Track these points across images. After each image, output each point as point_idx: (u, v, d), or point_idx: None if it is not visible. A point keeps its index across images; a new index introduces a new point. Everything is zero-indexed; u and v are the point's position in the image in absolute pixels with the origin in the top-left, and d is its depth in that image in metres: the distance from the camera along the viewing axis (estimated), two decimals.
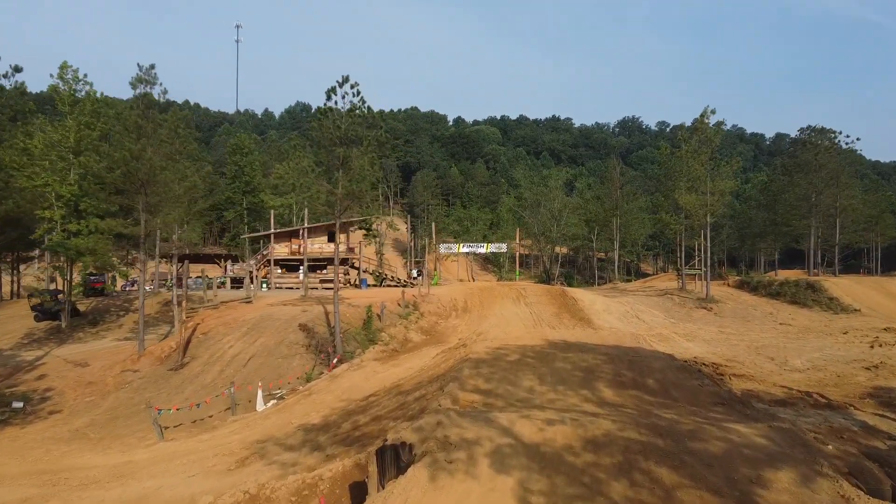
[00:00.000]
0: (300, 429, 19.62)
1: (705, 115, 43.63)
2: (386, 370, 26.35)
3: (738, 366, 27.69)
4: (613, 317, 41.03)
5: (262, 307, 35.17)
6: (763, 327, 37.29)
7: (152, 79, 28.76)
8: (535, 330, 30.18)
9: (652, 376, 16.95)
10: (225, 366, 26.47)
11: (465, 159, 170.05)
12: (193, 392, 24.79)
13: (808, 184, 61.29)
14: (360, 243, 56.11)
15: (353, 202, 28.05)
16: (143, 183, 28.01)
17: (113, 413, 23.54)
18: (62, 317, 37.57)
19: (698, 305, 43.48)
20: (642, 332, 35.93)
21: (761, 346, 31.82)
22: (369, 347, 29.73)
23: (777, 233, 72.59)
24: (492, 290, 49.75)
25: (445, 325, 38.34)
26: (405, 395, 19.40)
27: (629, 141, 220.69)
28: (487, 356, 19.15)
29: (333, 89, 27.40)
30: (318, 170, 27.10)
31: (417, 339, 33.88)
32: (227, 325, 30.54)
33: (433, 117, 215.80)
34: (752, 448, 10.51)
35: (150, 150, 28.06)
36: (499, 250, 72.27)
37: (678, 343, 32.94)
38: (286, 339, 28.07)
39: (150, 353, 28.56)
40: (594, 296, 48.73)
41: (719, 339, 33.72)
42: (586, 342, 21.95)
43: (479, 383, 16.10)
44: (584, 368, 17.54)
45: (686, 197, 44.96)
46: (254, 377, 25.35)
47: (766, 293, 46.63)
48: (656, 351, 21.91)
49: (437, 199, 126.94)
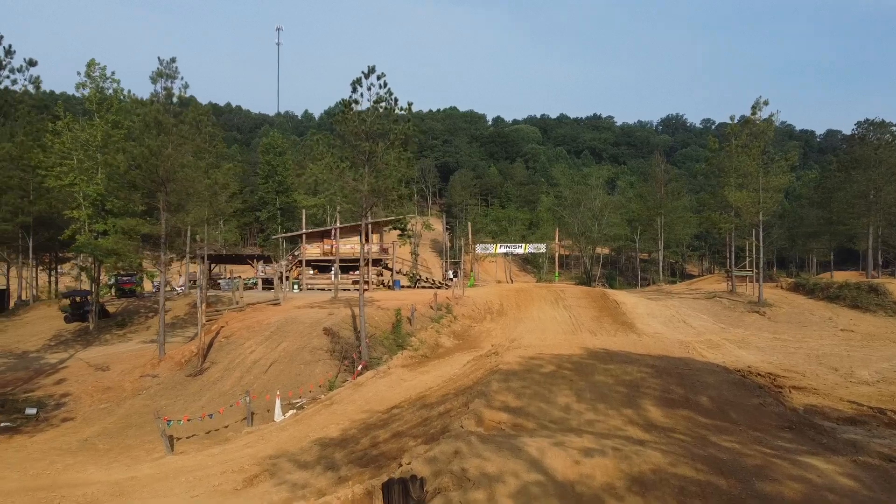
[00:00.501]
0: (316, 443, 18.14)
1: (757, 106, 40.92)
2: (413, 378, 24.78)
3: (797, 377, 25.34)
4: (658, 321, 38.73)
5: (288, 310, 33.96)
6: (822, 333, 34.60)
7: (173, 73, 27.68)
8: (573, 337, 28.22)
9: (705, 393, 14.96)
10: (245, 372, 25.20)
11: (504, 159, 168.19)
12: (210, 399, 23.57)
13: (866, 180, 57.63)
14: (393, 243, 54.73)
15: (378, 199, 26.49)
16: (163, 181, 26.98)
17: (126, 421, 22.45)
18: (90, 318, 37.03)
19: (750, 310, 40.82)
20: (690, 339, 33.66)
21: (822, 354, 29.29)
22: (397, 353, 28.19)
23: (832, 232, 68.81)
24: (529, 293, 47.84)
25: (479, 329, 36.62)
26: (429, 409, 17.75)
27: (672, 139, 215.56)
28: (519, 367, 17.38)
29: (359, 81, 25.95)
30: (343, 165, 25.45)
31: (449, 343, 32.23)
32: (250, 328, 29.34)
33: (472, 117, 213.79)
34: (837, 492, 8.56)
35: (170, 147, 27.06)
36: (537, 251, 70.06)
37: (729, 351, 30.61)
38: (309, 344, 26.69)
39: (170, 358, 27.51)
40: (637, 298, 46.41)
41: (774, 347, 31.25)
42: (629, 351, 19.97)
43: (509, 399, 14.37)
44: (628, 383, 15.63)
45: (736, 194, 42.30)
46: (274, 384, 24.03)
47: (824, 296, 43.63)
48: (709, 362, 19.81)
49: (475, 200, 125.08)
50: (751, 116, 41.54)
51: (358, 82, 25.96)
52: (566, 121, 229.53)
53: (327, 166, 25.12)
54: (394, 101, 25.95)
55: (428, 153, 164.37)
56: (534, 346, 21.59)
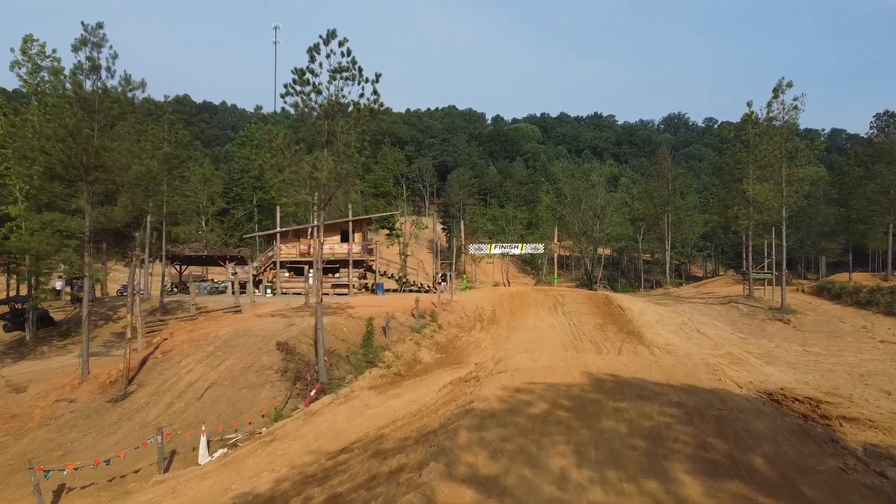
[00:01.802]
0: (238, 501, 13.89)
1: (780, 89, 36.44)
2: (380, 404, 20.44)
3: (844, 403, 20.90)
4: (669, 330, 34.35)
5: (246, 319, 29.64)
6: (860, 346, 30.14)
7: (100, 40, 23.35)
8: (573, 354, 23.86)
9: (758, 450, 10.61)
10: (176, 397, 20.82)
11: (504, 158, 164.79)
12: (129, 433, 19.21)
13: (892, 175, 53.08)
14: (376, 243, 50.34)
15: (340, 187, 22.15)
16: (86, 168, 22.65)
17: (19, 461, 18.05)
18: (27, 327, 32.78)
19: (772, 317, 36.33)
20: (707, 352, 29.28)
21: (865, 372, 24.88)
22: (365, 371, 23.85)
23: (850, 231, 64.38)
24: (525, 297, 43.48)
25: (467, 340, 32.27)
26: (381, 460, 13.40)
27: (675, 138, 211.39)
28: (500, 405, 13.02)
29: (316, 47, 21.66)
30: (296, 147, 21.10)
31: (429, 359, 27.87)
32: (194, 342, 24.95)
33: (471, 115, 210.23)
34: None
35: (96, 127, 22.76)
36: (535, 251, 65.43)
37: (755, 367, 26.20)
38: (257, 362, 22.30)
39: (93, 378, 23.14)
40: (644, 304, 42.00)
41: (807, 363, 26.85)
42: (644, 379, 15.58)
43: (480, 461, 10.04)
44: (648, 432, 11.28)
45: (757, 187, 37.87)
46: (208, 413, 19.70)
47: (853, 302, 39.15)
48: (751, 397, 15.42)
49: (473, 199, 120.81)
50: (773, 99, 37.05)
51: (316, 49, 21.66)
52: (567, 120, 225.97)
53: (277, 149, 20.57)
54: (358, 70, 21.65)
55: (426, 152, 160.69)
56: (524, 368, 17.22)
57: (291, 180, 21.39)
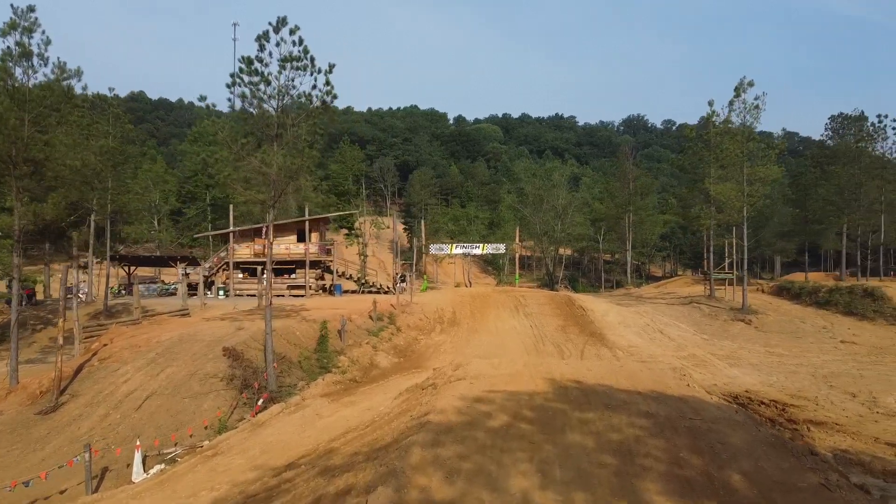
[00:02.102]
0: None
1: (741, 87, 36.27)
2: (333, 413, 19.30)
3: (810, 406, 20.56)
4: (632, 332, 33.89)
5: (194, 322, 28.15)
6: (822, 347, 30.01)
7: (31, 24, 21.71)
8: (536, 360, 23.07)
9: (735, 465, 9.84)
10: (112, 408, 19.32)
11: (466, 158, 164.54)
12: (58, 448, 17.68)
13: (848, 175, 53.62)
14: (334, 242, 48.98)
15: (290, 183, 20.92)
16: (14, 161, 20.98)
17: None
18: None
19: (734, 317, 36.14)
20: (671, 354, 28.82)
21: (829, 373, 24.62)
22: (318, 378, 22.66)
23: (808, 231, 65.20)
24: (486, 298, 42.66)
25: (426, 344, 31.27)
26: (329, 478, 12.28)
27: (634, 139, 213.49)
28: (458, 418, 12.03)
29: (266, 35, 20.41)
30: (243, 140, 19.79)
31: (386, 363, 26.79)
32: (135, 348, 23.40)
33: (433, 115, 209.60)
34: None
35: (26, 118, 21.11)
36: (496, 251, 64.63)
37: (720, 370, 25.81)
38: (202, 369, 20.92)
39: (23, 388, 21.47)
40: (607, 304, 41.53)
41: (771, 364, 26.52)
42: (610, 385, 14.76)
43: (434, 483, 9.04)
44: (617, 447, 10.43)
45: (719, 186, 37.66)
46: (146, 426, 18.28)
47: (812, 302, 39.24)
48: (722, 405, 14.71)
49: (435, 199, 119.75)
50: (734, 98, 36.87)
51: (265, 37, 20.42)
52: (528, 120, 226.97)
53: (223, 142, 19.26)
54: (310, 60, 20.46)
55: (388, 151, 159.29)
56: (484, 375, 16.25)
57: (240, 176, 20.06)
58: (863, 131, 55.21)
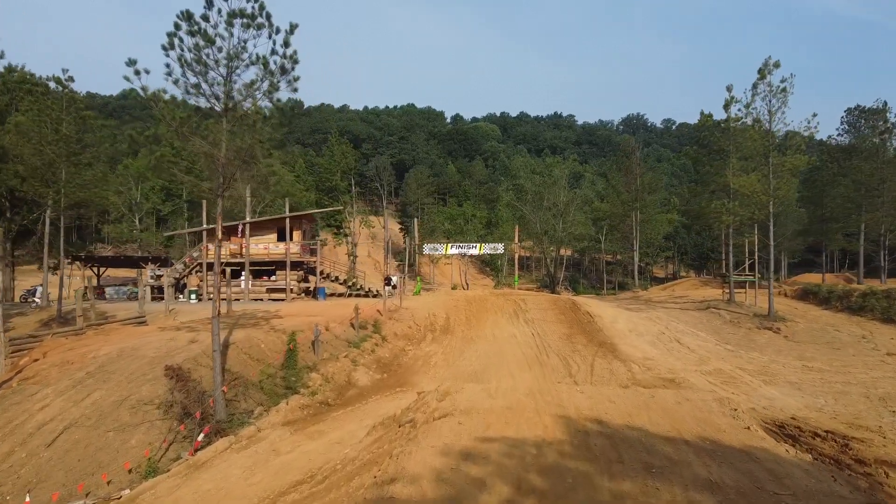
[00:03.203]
0: None
1: (766, 68, 32.61)
2: (293, 448, 15.68)
3: (876, 439, 16.79)
4: (645, 341, 30.26)
5: (146, 332, 24.43)
6: (865, 360, 26.29)
7: None
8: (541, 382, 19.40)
9: None
10: (18, 444, 15.62)
11: (463, 157, 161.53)
12: None
13: (871, 170, 50.05)
14: (318, 242, 45.26)
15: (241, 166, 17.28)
16: None
17: None
18: None
19: (760, 325, 32.48)
20: (692, 368, 25.16)
21: (885, 394, 20.95)
22: (281, 402, 19.02)
23: (823, 231, 61.62)
24: (483, 302, 38.98)
25: (415, 355, 27.61)
26: None
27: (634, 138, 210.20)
28: (436, 490, 8.34)
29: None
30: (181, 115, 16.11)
31: (366, 380, 23.12)
32: (67, 364, 19.73)
33: (430, 114, 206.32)
34: None
35: None
36: (494, 251, 60.87)
37: (753, 388, 22.12)
38: (135, 393, 17.23)
39: None
40: (615, 310, 37.85)
41: (813, 382, 22.85)
42: (644, 427, 11.11)
43: None
44: None
45: (741, 178, 33.99)
46: (54, 468, 14.62)
47: (844, 307, 35.57)
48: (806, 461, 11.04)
49: (431, 198, 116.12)
50: (758, 81, 33.15)
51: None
52: (527, 119, 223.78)
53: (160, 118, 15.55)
54: (266, 17, 16.84)
55: (384, 150, 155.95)
56: (476, 409, 12.62)
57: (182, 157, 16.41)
58: (886, 123, 51.66)
